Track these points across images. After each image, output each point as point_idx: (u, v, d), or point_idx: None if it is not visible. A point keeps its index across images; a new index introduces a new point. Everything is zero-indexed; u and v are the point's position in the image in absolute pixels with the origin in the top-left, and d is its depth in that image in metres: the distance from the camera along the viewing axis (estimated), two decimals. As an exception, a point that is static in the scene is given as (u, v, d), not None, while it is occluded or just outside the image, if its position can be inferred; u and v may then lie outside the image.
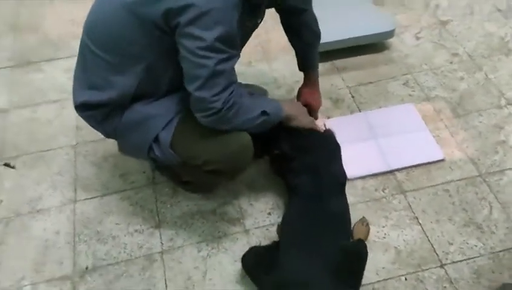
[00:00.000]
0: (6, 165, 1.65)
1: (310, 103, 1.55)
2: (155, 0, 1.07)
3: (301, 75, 1.68)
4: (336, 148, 1.46)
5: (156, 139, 1.24)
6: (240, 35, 1.25)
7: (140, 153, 1.30)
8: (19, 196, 1.57)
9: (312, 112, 1.56)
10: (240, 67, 2.08)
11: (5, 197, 1.57)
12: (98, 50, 1.21)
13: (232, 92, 1.15)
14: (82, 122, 1.38)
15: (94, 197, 1.55)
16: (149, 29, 1.12)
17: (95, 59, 1.22)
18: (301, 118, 1.39)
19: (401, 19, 2.10)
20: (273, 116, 1.27)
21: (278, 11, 1.52)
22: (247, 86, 1.82)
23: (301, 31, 1.53)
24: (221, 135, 1.21)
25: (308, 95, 1.59)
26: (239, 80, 1.90)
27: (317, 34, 1.57)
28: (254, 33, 2.04)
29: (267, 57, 2.01)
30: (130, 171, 1.62)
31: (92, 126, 1.34)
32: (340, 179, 1.42)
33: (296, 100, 1.60)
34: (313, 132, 1.42)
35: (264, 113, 1.23)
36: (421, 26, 2.06)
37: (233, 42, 1.13)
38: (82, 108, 1.29)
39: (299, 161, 1.39)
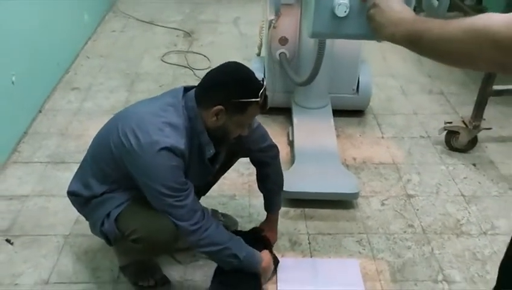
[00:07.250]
0: (7, 241, 1.99)
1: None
2: (125, 152, 1.47)
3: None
4: None
5: (108, 215, 1.57)
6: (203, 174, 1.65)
7: (95, 228, 1.63)
8: (7, 269, 1.88)
9: (268, 246, 1.85)
10: (223, 198, 2.42)
11: (-5, 267, 1.89)
12: (89, 157, 1.64)
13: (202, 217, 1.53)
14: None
15: (63, 283, 1.83)
16: (118, 162, 1.52)
17: (87, 163, 1.65)
18: (267, 274, 1.78)
19: (374, 185, 2.38)
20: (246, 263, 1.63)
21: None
22: (223, 214, 2.15)
23: (265, 180, 1.90)
24: (152, 215, 1.50)
25: (265, 232, 1.92)
26: (220, 209, 2.25)
27: (278, 185, 1.93)
28: (247, 172, 2.46)
29: (250, 194, 2.31)
30: (100, 267, 1.90)
31: (77, 209, 1.71)
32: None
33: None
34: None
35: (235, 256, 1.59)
36: (389, 195, 2.31)
37: (181, 188, 1.48)
38: (70, 194, 1.68)
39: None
